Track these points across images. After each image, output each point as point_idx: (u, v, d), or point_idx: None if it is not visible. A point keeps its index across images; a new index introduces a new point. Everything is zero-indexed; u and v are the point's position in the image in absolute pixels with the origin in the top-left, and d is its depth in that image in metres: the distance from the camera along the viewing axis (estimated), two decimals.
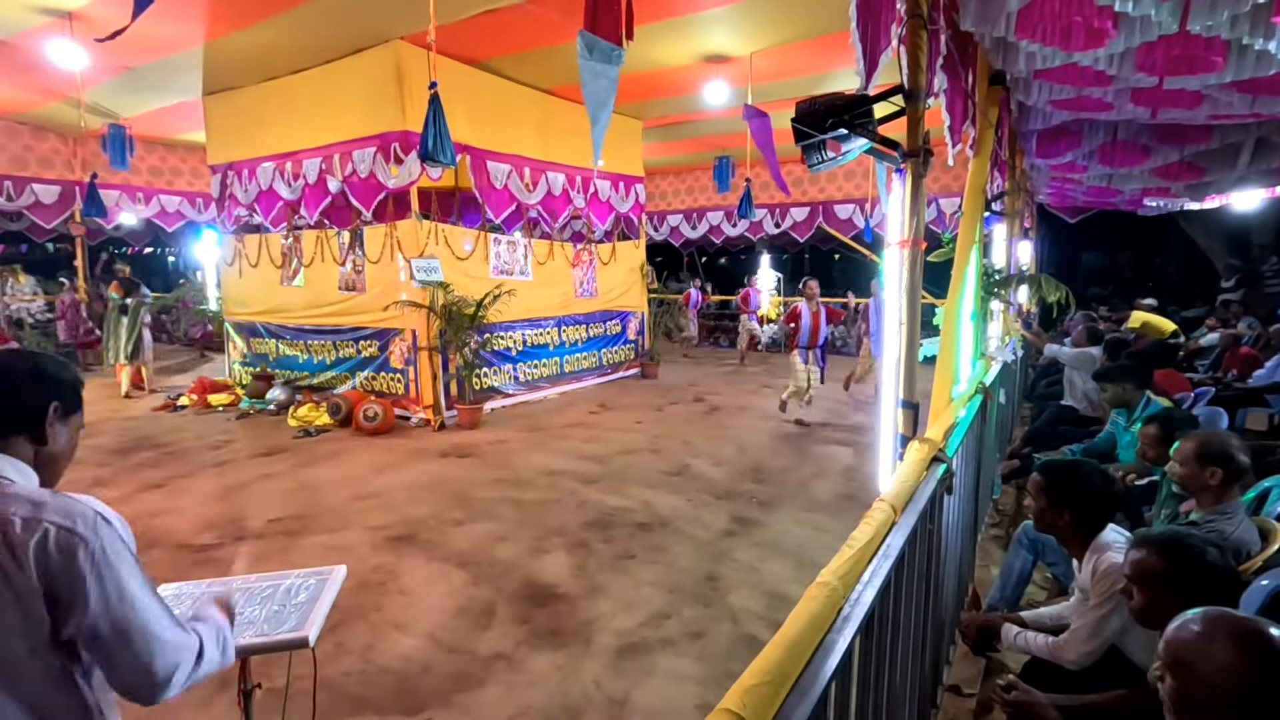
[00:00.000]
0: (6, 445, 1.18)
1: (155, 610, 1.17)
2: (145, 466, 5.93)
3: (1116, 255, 19.99)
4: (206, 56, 7.34)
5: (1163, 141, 5.38)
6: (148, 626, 1.15)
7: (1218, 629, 1.14)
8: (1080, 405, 5.50)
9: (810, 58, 7.22)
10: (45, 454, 1.23)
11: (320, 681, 2.84)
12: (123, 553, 1.16)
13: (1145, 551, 1.70)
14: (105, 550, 1.13)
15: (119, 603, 1.12)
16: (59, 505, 1.13)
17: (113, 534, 1.16)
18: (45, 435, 1.22)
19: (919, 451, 2.17)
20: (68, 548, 1.09)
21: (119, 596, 1.12)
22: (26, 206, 10.61)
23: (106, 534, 1.14)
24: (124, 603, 1.13)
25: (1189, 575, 1.62)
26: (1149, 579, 1.67)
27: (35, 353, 1.30)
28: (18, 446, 1.19)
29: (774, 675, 1.02)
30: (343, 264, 7.96)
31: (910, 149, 2.29)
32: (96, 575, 1.11)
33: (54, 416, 1.23)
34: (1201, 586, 1.59)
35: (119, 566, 1.14)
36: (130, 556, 1.17)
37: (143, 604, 1.15)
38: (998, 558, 3.99)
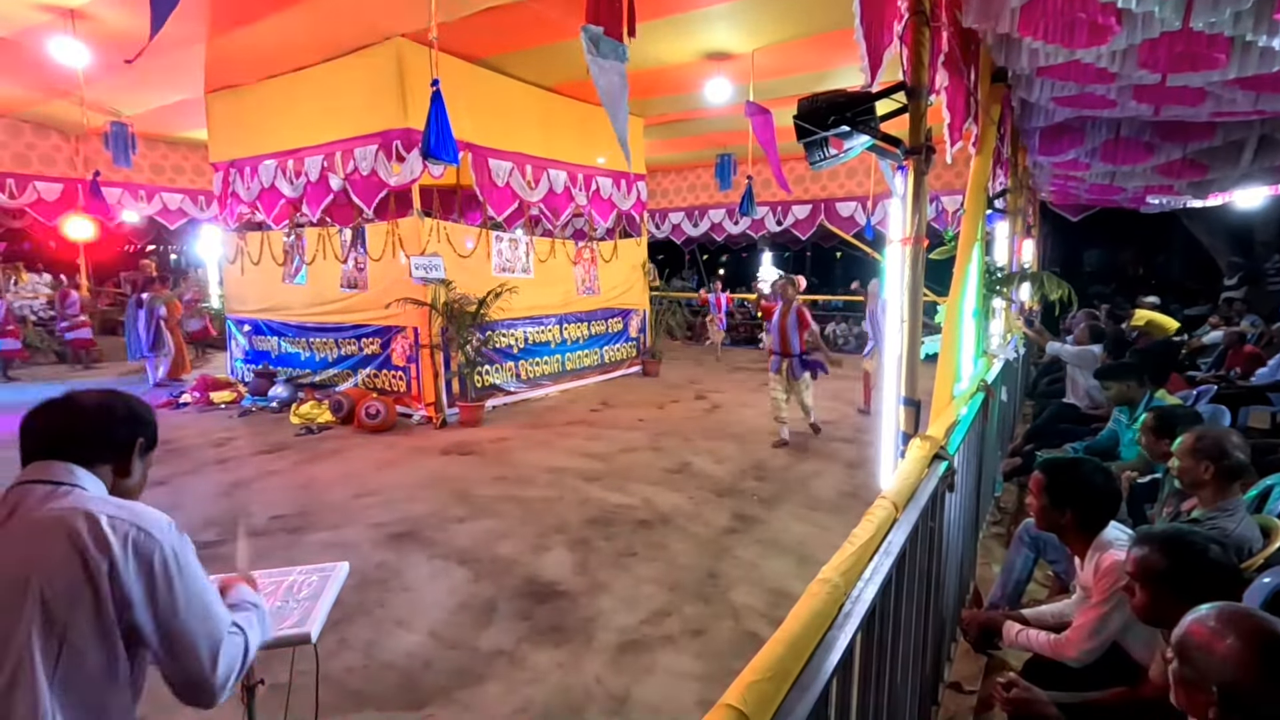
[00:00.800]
0: (94, 468, 1.28)
1: (219, 617, 1.26)
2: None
3: (1119, 253, 19.94)
4: (208, 54, 7.34)
5: (1165, 139, 5.36)
6: (213, 632, 1.23)
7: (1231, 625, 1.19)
8: (1082, 403, 5.49)
9: (812, 55, 7.21)
10: (123, 485, 1.34)
11: (323, 677, 2.85)
12: (194, 561, 1.25)
13: (1148, 549, 1.69)
14: (180, 556, 1.22)
15: (187, 607, 1.21)
16: (138, 511, 1.23)
17: (185, 543, 1.26)
18: (129, 467, 1.35)
19: (921, 449, 2.17)
20: (146, 550, 1.18)
21: (187, 602, 1.21)
22: (29, 204, 10.63)
23: (179, 542, 1.24)
24: (192, 608, 1.21)
25: (1191, 573, 1.61)
26: (1151, 577, 1.66)
27: (128, 394, 1.41)
28: (101, 471, 1.29)
29: (775, 671, 1.02)
30: (345, 262, 7.96)
31: (912, 146, 2.29)
32: (168, 580, 1.19)
33: (139, 450, 1.36)
34: (1203, 584, 1.59)
35: (191, 573, 1.23)
36: (198, 565, 1.26)
37: (210, 610, 1.24)
38: (999, 555, 3.99)
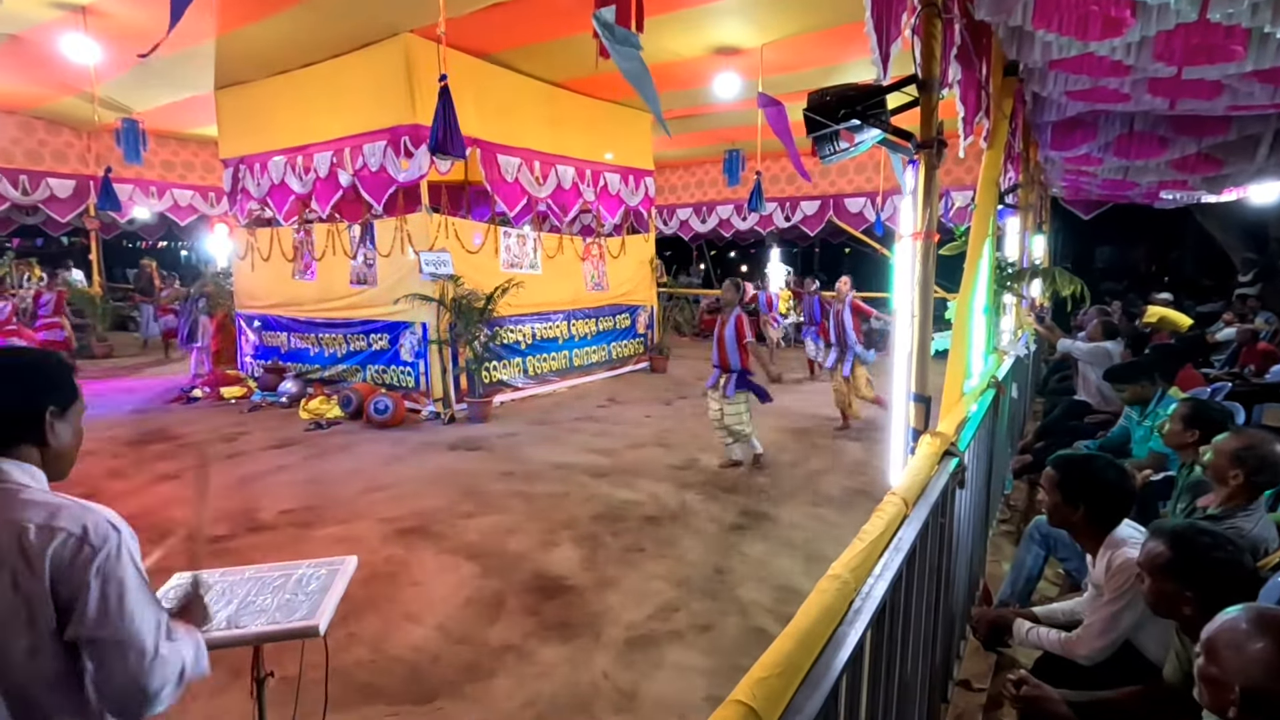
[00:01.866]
0: (14, 451, 1.20)
1: (152, 625, 1.18)
2: (159, 458, 5.98)
3: (1131, 249, 19.75)
4: (218, 50, 7.37)
5: (1180, 133, 5.30)
6: (144, 641, 1.15)
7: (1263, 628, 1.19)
8: (1093, 400, 5.44)
9: (822, 50, 7.17)
10: (52, 453, 1.24)
11: (332, 670, 2.86)
12: (128, 565, 1.17)
13: (1156, 541, 1.72)
14: (112, 561, 1.15)
15: (119, 614, 1.14)
16: (72, 513, 1.15)
17: (121, 545, 1.17)
18: (46, 438, 1.22)
19: (931, 445, 2.15)
20: (78, 555, 1.12)
21: (119, 608, 1.14)
22: (42, 200, 10.72)
23: (114, 545, 1.16)
24: (124, 615, 1.14)
25: (1195, 567, 1.63)
26: (1156, 568, 1.69)
27: (20, 351, 1.31)
28: (24, 451, 1.21)
29: (785, 667, 1.01)
30: (354, 257, 7.99)
31: (924, 140, 2.27)
32: (101, 584, 1.13)
33: (51, 419, 1.23)
34: (1208, 579, 1.61)
35: (124, 578, 1.16)
36: (135, 569, 1.19)
37: (141, 618, 1.16)
38: (1009, 553, 3.96)
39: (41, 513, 1.13)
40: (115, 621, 1.13)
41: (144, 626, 1.16)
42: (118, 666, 1.13)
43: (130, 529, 1.22)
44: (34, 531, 1.10)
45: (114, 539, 1.16)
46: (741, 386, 5.58)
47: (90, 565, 1.12)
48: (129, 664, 1.13)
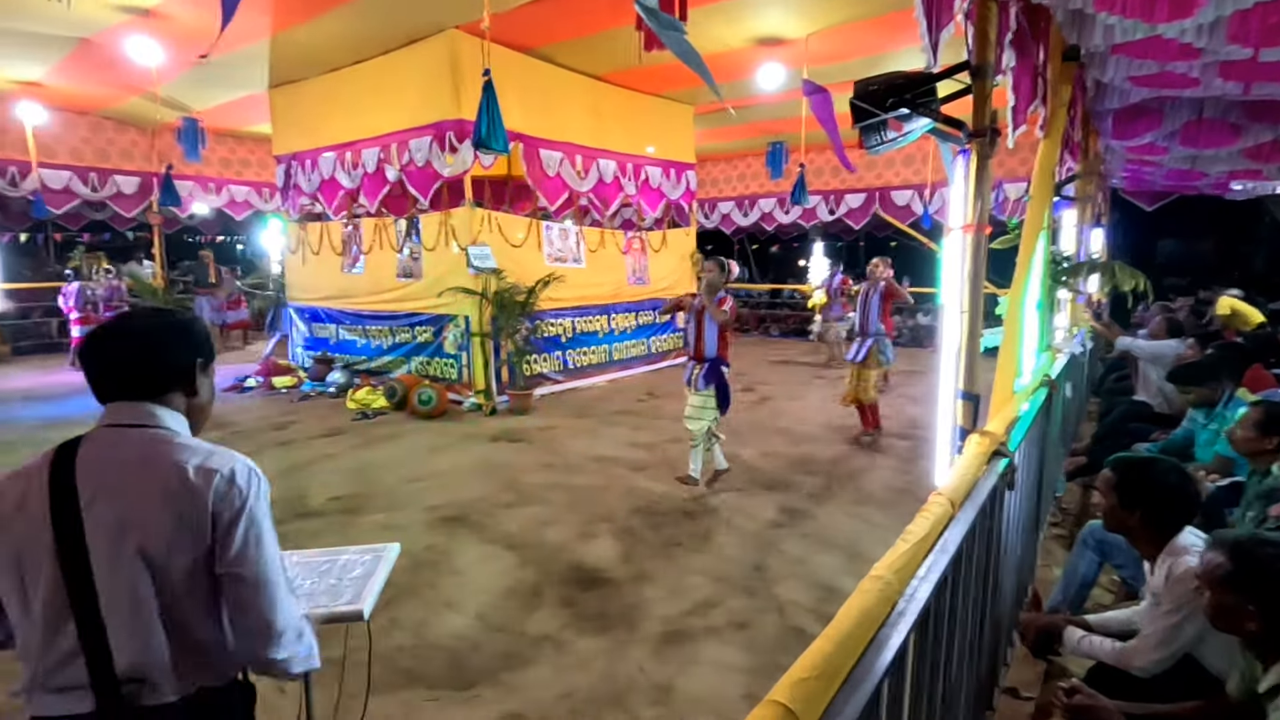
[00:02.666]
0: (165, 400, 1.31)
1: (280, 569, 1.29)
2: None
3: (1197, 243, 18.79)
4: (271, 50, 7.59)
5: (1255, 119, 4.99)
6: (277, 582, 1.27)
7: None
8: (1154, 401, 5.20)
9: (869, 38, 7.00)
10: (195, 404, 1.37)
11: (375, 655, 2.92)
12: (266, 510, 1.29)
13: (1215, 552, 1.64)
14: (255, 504, 1.26)
15: (257, 554, 1.25)
16: (224, 457, 1.27)
17: (263, 490, 1.30)
18: (197, 388, 1.36)
19: (979, 445, 2.09)
20: (228, 495, 1.23)
21: (258, 549, 1.25)
22: (109, 197, 11.23)
23: (257, 488, 1.28)
24: (261, 555, 1.25)
25: (1259, 579, 1.53)
26: (1216, 580, 1.60)
27: (173, 311, 1.43)
28: (175, 400, 1.32)
29: (825, 669, 0.99)
30: (400, 251, 8.16)
31: (976, 128, 2.19)
32: (245, 525, 1.24)
33: (199, 370, 1.36)
34: (1273, 592, 1.52)
35: (263, 521, 1.27)
36: (269, 516, 1.30)
37: (273, 560, 1.28)
38: (1060, 558, 3.82)
39: (197, 455, 1.24)
40: (254, 560, 1.24)
41: (275, 568, 1.28)
42: (251, 602, 1.24)
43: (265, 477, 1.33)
44: (193, 472, 1.22)
45: (255, 484, 1.28)
46: (711, 379, 4.91)
47: (237, 506, 1.23)
48: (261, 600, 1.24)
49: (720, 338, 4.90)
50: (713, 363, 4.91)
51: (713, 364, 4.91)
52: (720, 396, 4.95)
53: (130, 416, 1.27)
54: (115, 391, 1.28)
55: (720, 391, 4.94)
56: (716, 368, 4.91)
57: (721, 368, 4.93)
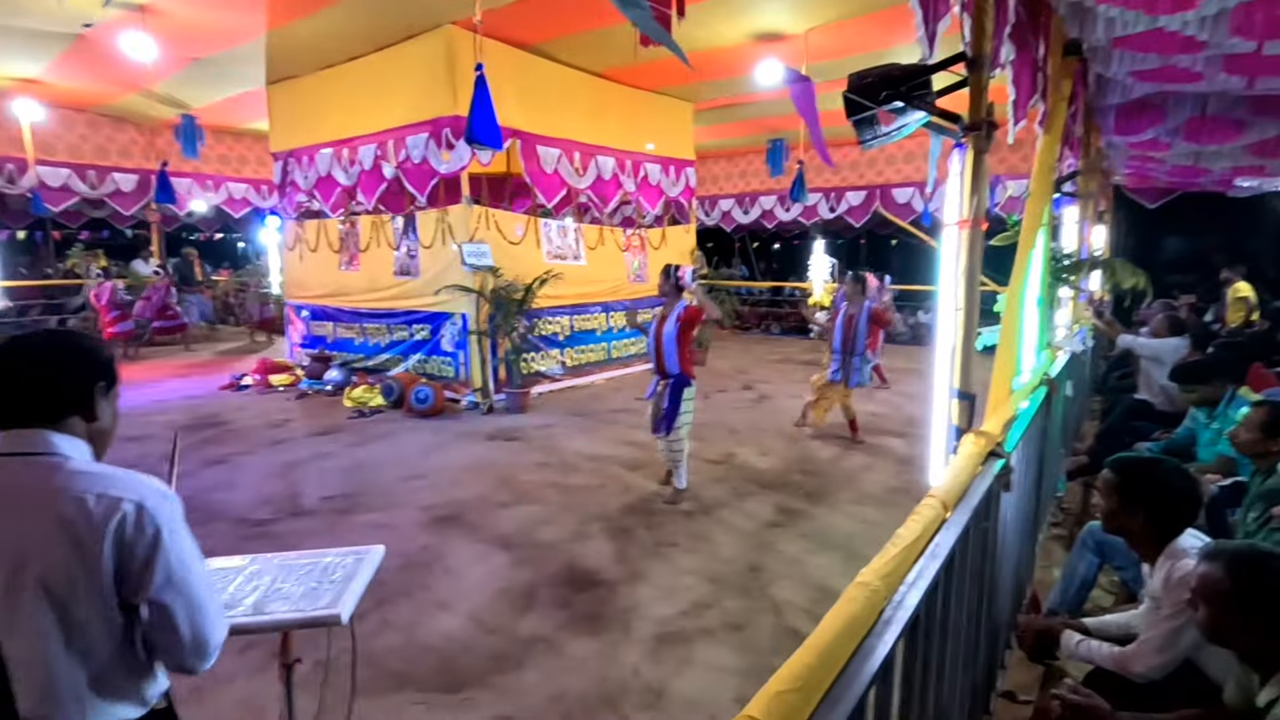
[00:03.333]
0: (63, 425, 1.25)
1: (208, 587, 1.27)
2: (209, 443, 6.19)
3: (1201, 240, 18.67)
4: (268, 46, 7.55)
5: (1260, 114, 4.93)
6: (205, 598, 1.25)
7: None
8: (1156, 400, 5.15)
9: (869, 34, 6.93)
10: (96, 429, 1.30)
11: (364, 657, 2.91)
12: (183, 528, 1.25)
13: (1213, 566, 1.55)
14: (171, 527, 1.22)
15: (183, 575, 1.22)
16: (129, 483, 1.22)
17: (176, 511, 1.25)
18: (96, 412, 1.29)
19: (974, 445, 2.04)
20: (139, 523, 1.18)
21: (183, 569, 1.22)
22: (108, 194, 11.21)
23: (170, 511, 1.24)
24: (188, 575, 1.23)
25: (1260, 597, 1.46)
26: (1214, 597, 1.52)
27: (71, 332, 1.37)
28: (72, 425, 1.26)
29: (804, 682, 0.95)
30: (397, 249, 8.12)
31: (972, 122, 2.14)
32: (164, 549, 1.20)
33: (99, 395, 1.30)
34: (1276, 610, 1.44)
35: (183, 542, 1.24)
36: (188, 533, 1.26)
37: (201, 579, 1.25)
38: (1060, 558, 3.78)
39: (98, 483, 1.19)
40: (182, 585, 1.22)
41: (204, 587, 1.26)
42: (186, 625, 1.22)
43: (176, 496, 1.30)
44: (93, 500, 1.16)
45: (168, 506, 1.24)
46: (675, 398, 4.68)
47: (152, 534, 1.19)
48: (196, 622, 1.23)
49: (680, 353, 4.68)
50: (676, 380, 4.71)
51: (676, 381, 4.70)
52: (668, 415, 4.69)
53: (24, 444, 1.21)
54: (8, 418, 1.23)
55: (669, 410, 4.68)
56: (680, 387, 4.70)
57: (685, 387, 4.71)
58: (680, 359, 4.68)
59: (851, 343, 6.15)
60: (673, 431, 4.71)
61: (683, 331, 4.68)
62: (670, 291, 4.80)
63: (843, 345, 6.18)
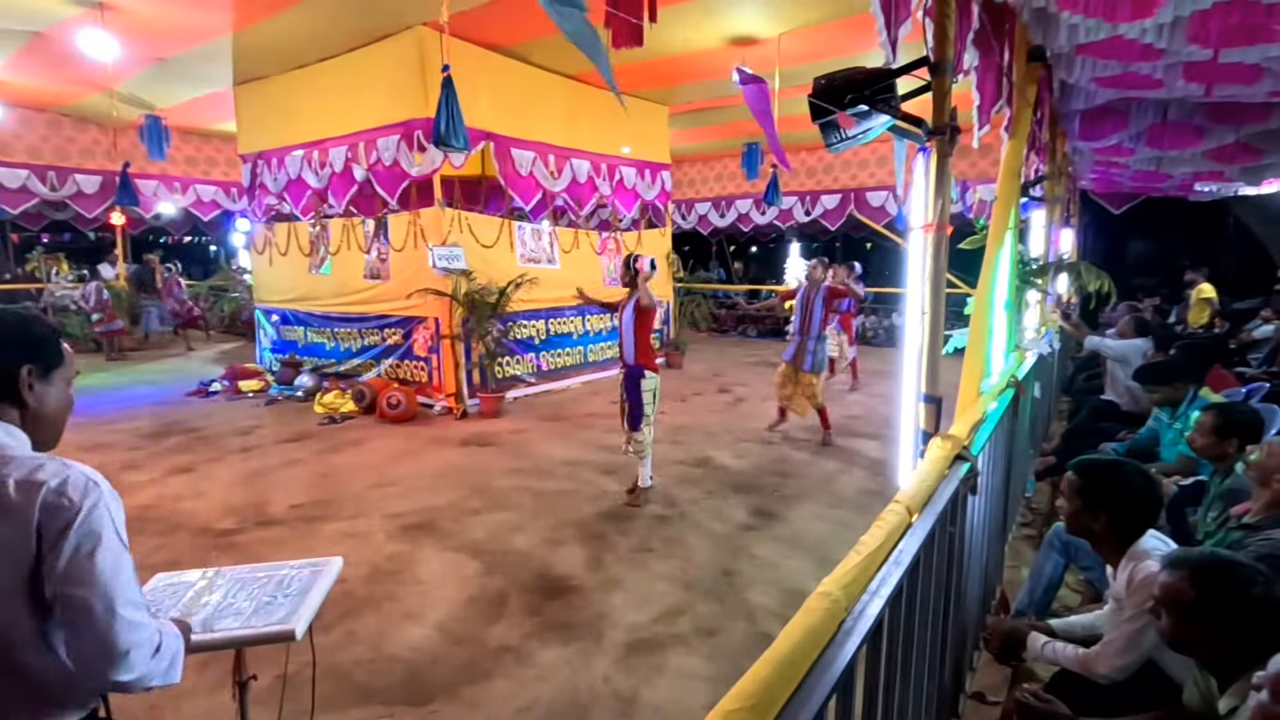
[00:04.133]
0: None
1: (123, 585, 1.16)
2: (175, 451, 6.04)
3: (1164, 243, 19.16)
4: (235, 46, 7.41)
5: (1217, 121, 5.05)
6: (113, 599, 1.14)
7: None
8: (1122, 400, 5.24)
9: (841, 39, 6.99)
10: (33, 414, 1.23)
11: (329, 669, 2.84)
12: (105, 522, 1.16)
13: (1177, 576, 1.53)
14: (89, 516, 1.14)
15: (89, 570, 1.12)
16: (53, 469, 1.14)
17: (100, 502, 1.16)
18: (24, 399, 1.21)
19: (941, 449, 2.04)
20: (55, 509, 1.11)
21: (90, 564, 1.12)
22: (69, 196, 10.92)
23: (93, 501, 1.15)
24: (95, 571, 1.13)
25: (1225, 608, 1.45)
26: (1178, 607, 1.51)
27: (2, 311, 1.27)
28: (3, 411, 1.20)
29: (760, 698, 0.92)
30: (368, 252, 8.00)
31: (936, 126, 2.15)
32: (75, 539, 1.12)
33: (29, 379, 1.21)
34: (1239, 619, 1.44)
35: (99, 534, 1.14)
36: (112, 528, 1.17)
37: (113, 576, 1.14)
38: (1029, 558, 3.81)
39: (21, 468, 1.13)
40: (85, 577, 1.12)
41: (114, 584, 1.14)
42: (84, 622, 1.12)
43: (112, 488, 1.20)
44: (14, 486, 1.10)
45: (94, 495, 1.15)
46: (634, 390, 4.64)
47: (66, 520, 1.11)
48: (96, 621, 1.12)
49: (639, 343, 4.67)
50: (631, 371, 4.70)
51: (631, 372, 4.69)
52: (633, 411, 4.67)
53: None
54: None
55: (634, 408, 4.67)
56: (636, 378, 4.67)
57: (641, 379, 4.67)
58: (638, 349, 4.67)
59: (808, 323, 6.17)
60: (637, 426, 4.73)
61: (640, 320, 4.66)
62: (630, 281, 4.76)
63: (801, 326, 6.22)
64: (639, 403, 4.68)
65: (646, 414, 4.74)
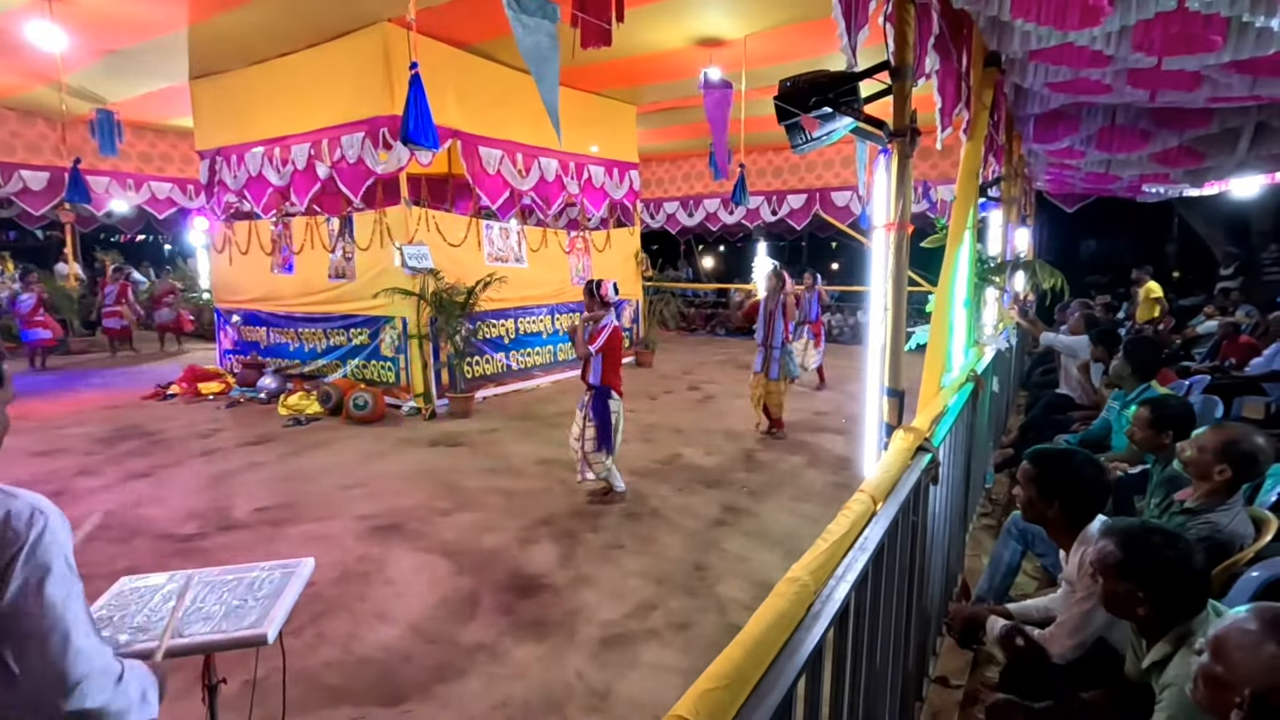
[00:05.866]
0: None
1: (75, 614, 1.13)
2: (132, 455, 5.87)
3: (1115, 242, 19.90)
4: (191, 39, 7.22)
5: (1162, 126, 5.29)
6: (66, 628, 1.10)
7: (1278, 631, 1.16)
8: (1075, 394, 5.44)
9: (807, 41, 7.11)
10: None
11: (299, 672, 2.82)
12: (52, 550, 1.12)
13: (1107, 541, 1.70)
14: (36, 546, 1.10)
15: (37, 601, 1.09)
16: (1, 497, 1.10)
17: (45, 530, 1.12)
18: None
19: (903, 440, 2.11)
20: (2, 538, 1.07)
21: (38, 595, 1.09)
22: (15, 193, 10.50)
23: (39, 530, 1.11)
24: (43, 602, 1.09)
25: (1147, 567, 1.61)
26: (1108, 568, 1.67)
27: None
28: None
29: (733, 679, 0.96)
30: (333, 251, 7.87)
31: (897, 128, 2.22)
32: (24, 573, 1.08)
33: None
34: (1160, 578, 1.59)
35: (47, 564, 1.11)
36: (61, 557, 1.13)
37: (63, 606, 1.11)
38: (989, 547, 3.94)
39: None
40: (33, 609, 1.08)
41: (65, 614, 1.11)
42: (34, 654, 1.08)
43: (61, 514, 1.17)
44: None
45: (40, 523, 1.11)
46: (599, 410, 4.56)
47: (12, 553, 1.07)
48: (47, 652, 1.09)
49: (605, 363, 4.57)
50: (598, 392, 4.59)
51: (598, 394, 4.59)
52: (600, 433, 4.58)
53: None
54: None
55: (601, 429, 4.58)
56: (603, 399, 4.58)
57: (608, 400, 4.59)
58: (605, 369, 4.60)
59: (770, 334, 6.29)
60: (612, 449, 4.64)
61: (608, 346, 4.57)
62: (596, 306, 4.68)
63: (764, 338, 6.35)
64: (607, 425, 4.59)
65: (615, 440, 4.65)
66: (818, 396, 8.20)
